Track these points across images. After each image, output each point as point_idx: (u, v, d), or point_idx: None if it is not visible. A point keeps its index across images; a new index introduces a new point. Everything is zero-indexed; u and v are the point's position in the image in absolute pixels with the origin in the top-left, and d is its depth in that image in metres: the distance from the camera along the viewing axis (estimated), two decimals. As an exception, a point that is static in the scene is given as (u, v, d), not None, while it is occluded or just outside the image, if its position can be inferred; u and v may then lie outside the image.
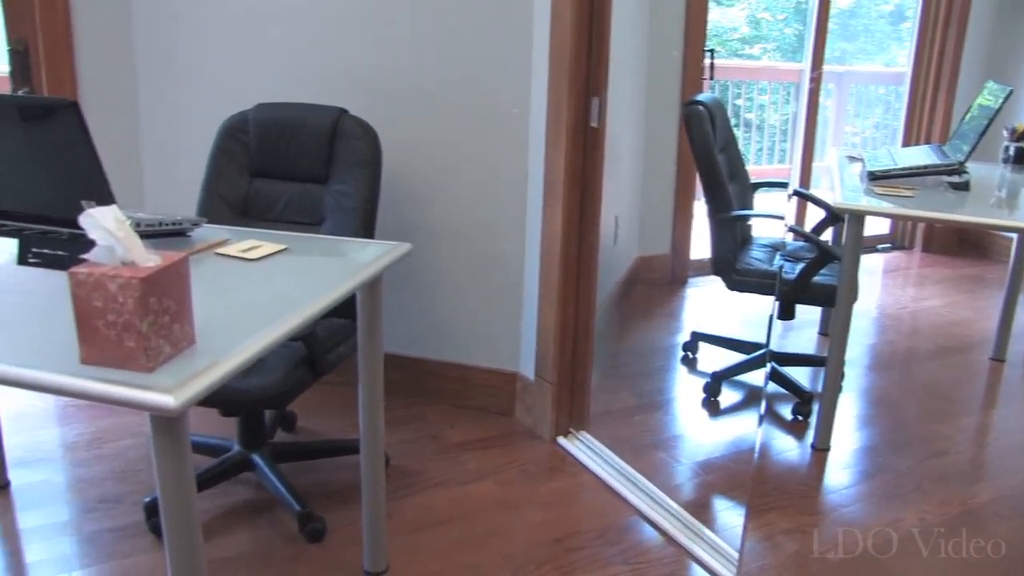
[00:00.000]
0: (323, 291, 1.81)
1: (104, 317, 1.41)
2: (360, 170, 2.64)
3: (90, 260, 1.45)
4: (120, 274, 1.39)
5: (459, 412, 3.28)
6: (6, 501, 2.76)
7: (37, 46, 3.32)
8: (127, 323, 1.40)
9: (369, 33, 3.05)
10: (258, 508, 2.69)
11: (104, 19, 3.35)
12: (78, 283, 1.42)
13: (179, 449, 1.45)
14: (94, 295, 1.41)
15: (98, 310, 1.42)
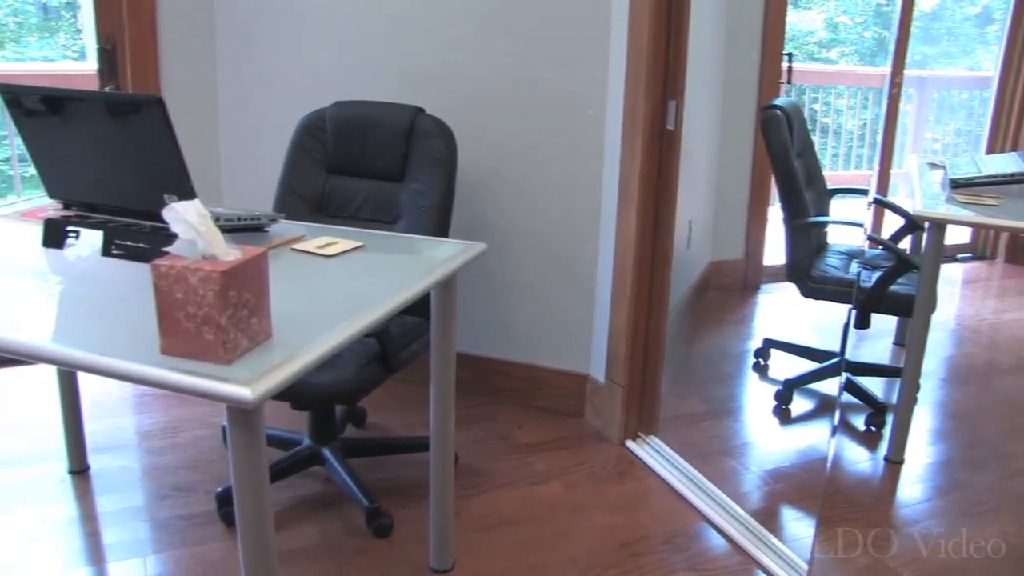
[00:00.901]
0: (398, 289, 1.82)
1: (185, 309, 1.44)
2: (436, 169, 2.66)
3: (172, 253, 1.48)
4: (201, 267, 1.41)
5: (528, 413, 3.28)
6: (86, 485, 2.83)
7: (124, 45, 3.40)
8: (207, 316, 1.43)
9: (446, 32, 3.07)
10: (326, 502, 2.73)
11: (188, 18, 3.42)
12: (160, 275, 1.45)
13: (254, 441, 1.47)
14: (175, 287, 1.44)
15: (179, 302, 1.44)
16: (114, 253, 2.01)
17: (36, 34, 8.84)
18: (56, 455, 2.96)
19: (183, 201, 1.49)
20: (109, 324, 1.70)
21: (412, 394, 3.32)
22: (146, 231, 1.99)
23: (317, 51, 3.29)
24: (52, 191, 2.17)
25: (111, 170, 2.05)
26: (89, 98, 2.14)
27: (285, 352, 1.50)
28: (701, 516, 2.68)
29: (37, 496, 2.78)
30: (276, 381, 1.41)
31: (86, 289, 1.90)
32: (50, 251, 2.12)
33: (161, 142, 1.88)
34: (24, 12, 8.78)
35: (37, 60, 8.75)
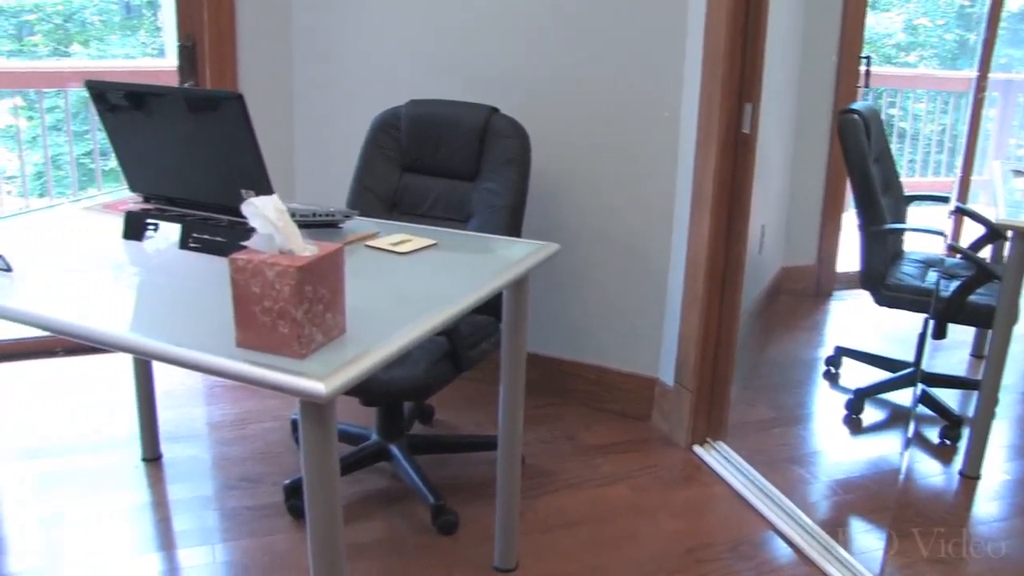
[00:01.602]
0: (471, 288, 1.83)
1: (261, 303, 1.46)
2: (509, 169, 2.66)
3: (249, 247, 1.50)
4: (278, 262, 1.43)
5: (595, 414, 3.27)
6: (158, 472, 2.89)
7: (204, 42, 3.46)
8: (282, 310, 1.44)
9: (522, 32, 3.07)
10: (392, 497, 2.74)
11: (266, 17, 3.47)
12: (237, 269, 1.47)
13: (326, 435, 1.49)
14: (252, 281, 1.45)
15: (255, 296, 1.46)
16: (191, 246, 2.05)
17: (119, 32, 9.06)
18: (130, 443, 3.02)
19: (261, 196, 1.51)
20: (186, 316, 1.73)
21: (480, 392, 3.33)
22: (223, 225, 2.02)
23: (392, 50, 3.31)
24: (133, 185, 2.22)
25: (190, 165, 2.09)
26: (170, 94, 2.18)
27: (358, 348, 1.51)
28: (768, 524, 2.64)
29: (112, 482, 2.84)
30: (349, 376, 1.42)
31: (164, 281, 1.94)
32: (130, 243, 2.16)
33: (240, 138, 1.91)
34: (108, 11, 9.00)
35: (119, 57, 8.96)
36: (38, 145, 6.22)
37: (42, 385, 3.52)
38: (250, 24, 3.46)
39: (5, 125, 6.55)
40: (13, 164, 6.37)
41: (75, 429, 3.16)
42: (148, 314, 1.78)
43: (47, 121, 5.88)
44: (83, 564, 2.46)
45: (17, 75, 5.96)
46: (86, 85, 2.11)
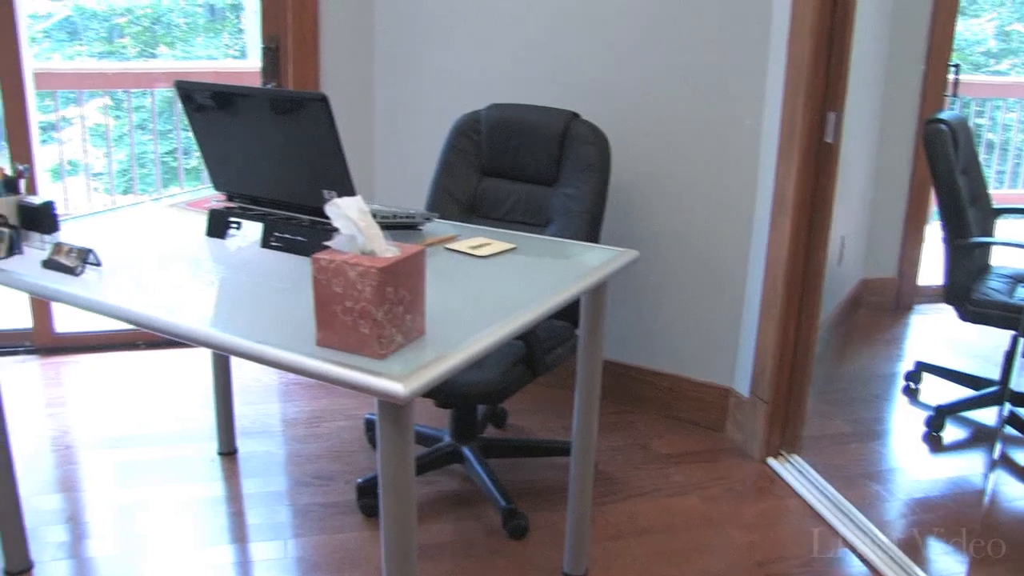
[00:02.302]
0: (549, 293, 1.82)
1: (342, 303, 1.47)
2: (589, 175, 2.65)
3: (332, 247, 1.51)
4: (360, 263, 1.44)
5: (668, 423, 3.24)
6: (233, 467, 2.94)
7: (287, 44, 3.51)
8: (363, 310, 1.45)
9: (603, 38, 3.06)
10: (463, 500, 2.75)
11: (349, 19, 3.51)
12: (320, 269, 1.48)
13: (403, 435, 1.49)
14: (334, 281, 1.47)
15: (337, 296, 1.47)
16: (273, 245, 2.07)
17: (203, 34, 9.24)
18: (208, 436, 3.07)
19: (344, 197, 1.52)
20: (266, 313, 1.75)
21: (553, 397, 3.33)
22: (304, 225, 2.04)
23: (473, 54, 3.32)
24: (217, 183, 2.26)
25: (273, 165, 2.12)
26: (256, 95, 2.21)
27: (437, 350, 1.52)
28: (843, 541, 2.59)
29: (188, 474, 2.89)
30: (428, 378, 1.43)
31: (245, 278, 1.97)
32: (213, 240, 2.20)
33: (324, 139, 1.93)
34: (192, 14, 9.18)
35: (202, 59, 9.13)
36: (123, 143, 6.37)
37: (124, 377, 3.60)
38: (333, 26, 3.50)
39: (94, 124, 6.72)
40: (100, 162, 6.53)
41: (155, 421, 3.23)
42: (230, 311, 1.81)
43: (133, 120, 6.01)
44: (159, 552, 2.51)
45: (107, 76, 6.11)
46: (175, 85, 2.16)
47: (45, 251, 2.01)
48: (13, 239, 2.04)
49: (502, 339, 1.62)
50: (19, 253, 2.05)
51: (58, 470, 2.94)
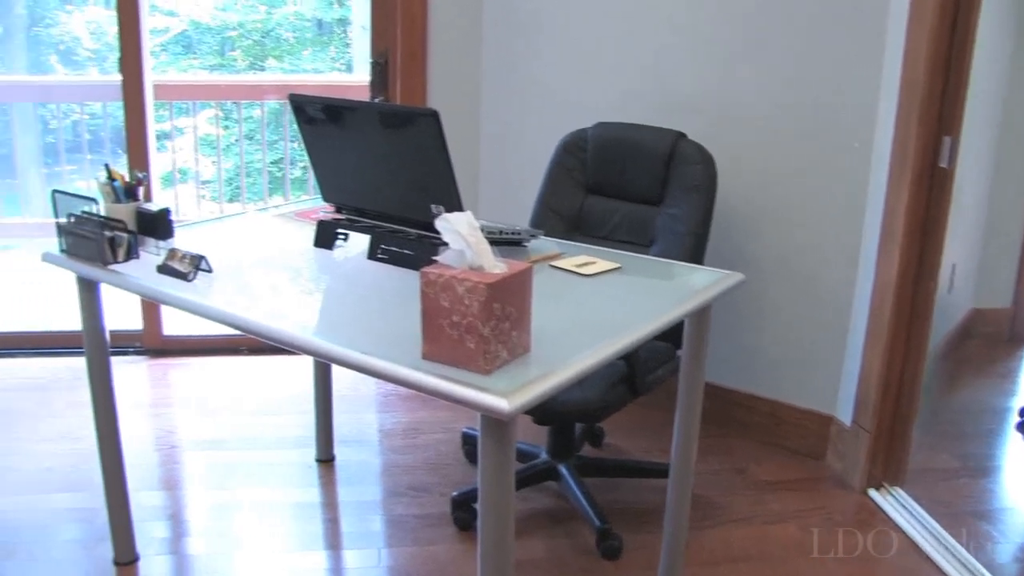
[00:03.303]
0: (653, 314, 1.81)
1: (449, 317, 1.48)
2: (694, 195, 2.62)
3: (440, 261, 1.52)
4: (469, 278, 1.44)
5: (767, 449, 3.18)
6: (331, 474, 2.98)
7: (396, 59, 3.56)
8: (470, 325, 1.45)
9: (711, 57, 3.03)
10: (557, 517, 2.74)
11: (458, 35, 3.54)
12: (428, 282, 1.49)
13: (505, 451, 1.49)
14: (442, 295, 1.48)
15: (444, 310, 1.48)
16: (379, 257, 2.10)
17: (310, 47, 9.44)
18: (306, 443, 3.13)
19: (454, 212, 1.53)
20: (371, 325, 1.77)
21: (650, 418, 3.30)
22: (411, 238, 2.06)
23: (581, 73, 3.33)
24: (327, 194, 2.29)
25: (382, 178, 2.14)
26: (366, 108, 2.24)
27: (541, 367, 1.51)
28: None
29: (285, 479, 2.94)
30: (532, 395, 1.43)
31: (350, 289, 2.00)
32: (320, 251, 2.23)
33: (433, 154, 1.94)
34: (301, 28, 9.40)
35: (309, 72, 9.33)
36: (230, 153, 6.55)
37: (227, 381, 3.69)
38: (441, 42, 3.54)
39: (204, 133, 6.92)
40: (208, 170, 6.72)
41: (255, 425, 3.30)
42: (336, 321, 1.83)
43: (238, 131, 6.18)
44: (254, 553, 2.56)
45: (219, 88, 6.28)
46: (289, 98, 2.20)
47: (160, 256, 2.07)
48: (130, 244, 2.11)
49: (606, 359, 1.61)
50: (135, 257, 2.11)
51: (161, 468, 3.03)
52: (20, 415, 3.37)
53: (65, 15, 8.88)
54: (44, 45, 8.94)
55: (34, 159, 6.44)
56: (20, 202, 6.62)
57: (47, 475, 2.95)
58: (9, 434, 3.23)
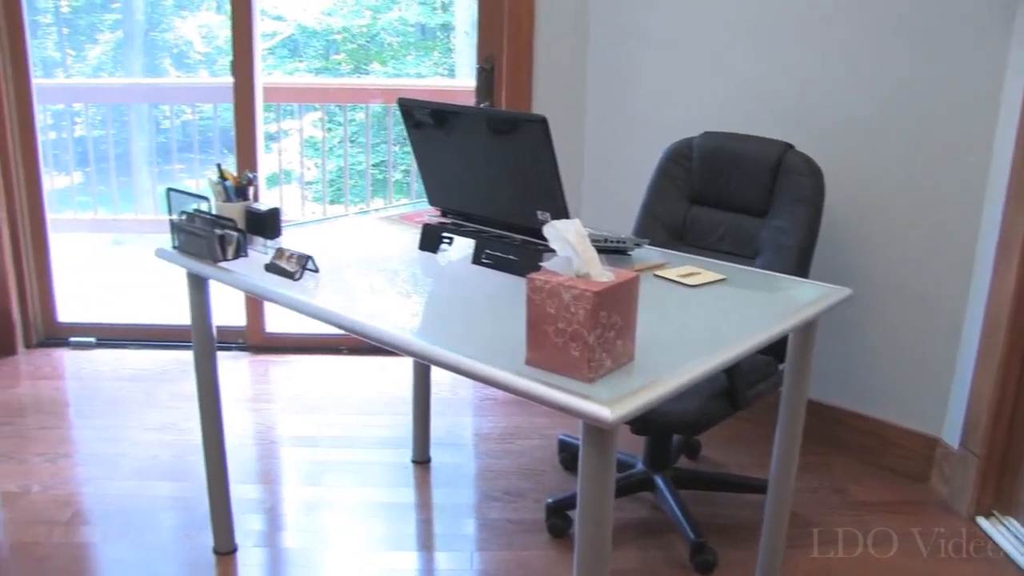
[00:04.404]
0: (758, 327, 1.78)
1: (554, 324, 1.48)
2: (801, 208, 2.57)
3: (547, 268, 1.52)
4: (575, 285, 1.44)
5: (867, 469, 3.10)
6: (426, 475, 3.00)
7: (502, 65, 3.58)
8: (575, 332, 1.45)
9: (820, 68, 2.97)
10: (650, 529, 2.71)
11: (564, 43, 3.55)
12: (535, 289, 1.49)
13: (605, 460, 1.49)
14: (548, 302, 1.48)
15: (550, 317, 1.48)
16: (483, 262, 2.11)
17: (414, 52, 9.57)
18: (403, 443, 3.16)
19: (562, 219, 1.53)
20: (475, 329, 1.78)
21: (747, 432, 3.25)
22: (516, 244, 2.06)
23: (686, 82, 3.30)
24: (432, 198, 2.32)
25: (488, 183, 2.15)
26: (474, 114, 2.26)
27: (645, 377, 1.50)
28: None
29: (382, 478, 2.98)
30: (635, 405, 1.42)
31: (454, 293, 2.01)
32: (424, 254, 2.26)
33: (540, 160, 1.95)
34: (404, 32, 9.53)
35: (411, 76, 9.45)
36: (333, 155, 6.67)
37: (327, 379, 3.75)
38: (547, 48, 3.55)
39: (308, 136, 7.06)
40: (312, 172, 6.85)
41: (353, 424, 3.35)
42: (439, 324, 1.85)
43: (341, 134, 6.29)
44: (347, 550, 2.60)
45: (325, 91, 6.41)
46: (398, 102, 2.23)
47: (267, 255, 2.11)
48: (240, 242, 2.16)
49: (710, 371, 1.59)
50: (244, 256, 2.16)
51: (259, 462, 3.09)
52: (130, 404, 3.48)
53: (180, 20, 9.17)
54: (159, 49, 9.24)
55: (146, 158, 6.66)
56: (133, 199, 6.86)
57: (153, 463, 3.04)
58: (119, 422, 3.34)
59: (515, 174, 2.05)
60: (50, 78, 8.05)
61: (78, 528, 2.66)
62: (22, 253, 3.92)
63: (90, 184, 6.33)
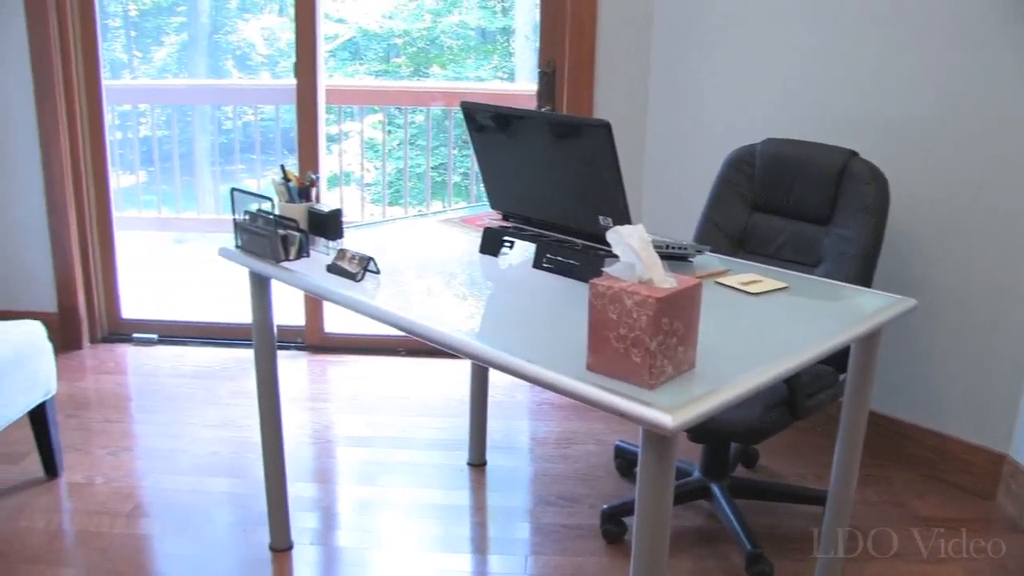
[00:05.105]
0: (820, 337, 1.75)
1: (616, 330, 1.47)
2: (865, 216, 2.54)
3: (610, 273, 1.52)
4: (638, 291, 1.43)
5: (929, 483, 3.04)
6: (482, 478, 3.01)
7: (563, 69, 3.58)
8: (637, 339, 1.44)
9: (887, 76, 2.93)
10: (706, 538, 2.69)
11: (625, 48, 3.54)
12: (597, 294, 1.49)
13: (665, 467, 1.48)
14: (610, 307, 1.47)
15: (612, 322, 1.48)
16: (544, 266, 2.11)
17: (473, 56, 9.61)
18: (457, 446, 3.17)
19: (626, 225, 1.52)
20: (535, 333, 1.78)
21: (805, 442, 3.21)
22: (577, 248, 2.06)
23: (749, 87, 3.27)
24: (494, 202, 2.32)
25: (550, 187, 2.15)
26: (537, 118, 2.26)
27: (706, 385, 1.49)
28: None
29: (437, 480, 2.99)
30: (696, 412, 1.41)
31: (515, 297, 2.01)
32: (485, 257, 2.26)
33: (603, 165, 1.94)
34: (465, 36, 9.57)
35: (471, 79, 9.49)
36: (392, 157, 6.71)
37: (384, 380, 3.77)
38: (609, 52, 3.54)
39: (368, 138, 7.11)
40: (371, 174, 6.91)
41: (409, 425, 3.36)
42: (499, 327, 1.85)
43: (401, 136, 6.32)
44: (401, 551, 2.61)
45: (386, 93, 6.45)
46: (461, 105, 2.24)
47: (329, 256, 2.13)
48: (302, 243, 2.18)
49: (771, 380, 1.57)
50: (306, 256, 2.19)
51: (316, 461, 3.12)
52: (189, 401, 3.54)
53: (243, 23, 9.30)
54: (222, 51, 9.38)
55: (208, 158, 6.77)
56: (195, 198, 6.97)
57: (211, 459, 3.08)
58: (179, 418, 3.39)
59: (577, 179, 2.05)
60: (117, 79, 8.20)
61: (138, 520, 2.71)
62: (89, 250, 4.01)
63: (154, 183, 6.45)
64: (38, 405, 2.81)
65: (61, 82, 3.77)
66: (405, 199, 6.41)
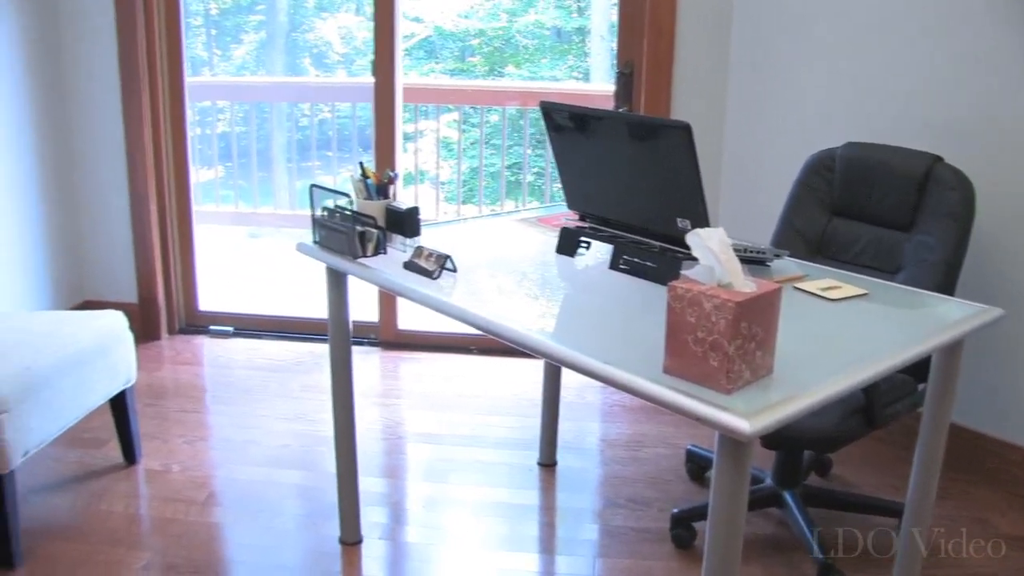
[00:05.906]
0: (901, 346, 1.72)
1: (694, 333, 1.46)
2: (949, 223, 2.48)
3: (688, 276, 1.51)
4: (717, 295, 1.42)
5: (1014, 500, 2.95)
6: (551, 479, 3.01)
7: (641, 70, 3.57)
8: (715, 342, 1.43)
9: (972, 81, 2.86)
10: (776, 545, 2.66)
11: (705, 49, 3.51)
12: (676, 297, 1.48)
13: (740, 473, 1.46)
14: (689, 310, 1.46)
15: (690, 325, 1.47)
16: (621, 268, 2.10)
17: (548, 56, 9.61)
18: (529, 445, 3.17)
19: (706, 228, 1.51)
20: (610, 334, 1.77)
21: (880, 452, 3.16)
22: (654, 250, 2.05)
23: (830, 91, 3.22)
24: (571, 202, 2.32)
25: (627, 188, 2.15)
26: (615, 118, 2.25)
27: (784, 391, 1.47)
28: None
29: (506, 479, 3.00)
30: (773, 418, 1.39)
31: (591, 298, 2.01)
32: (561, 257, 2.26)
33: (682, 167, 1.93)
34: (540, 36, 9.57)
35: (546, 79, 9.50)
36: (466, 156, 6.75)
37: (456, 378, 3.79)
38: (688, 53, 3.52)
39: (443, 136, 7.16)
40: (445, 172, 6.95)
41: (480, 424, 3.38)
42: (574, 327, 1.85)
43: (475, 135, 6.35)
44: (468, 547, 2.62)
45: (462, 92, 6.49)
46: (540, 105, 2.24)
47: (406, 253, 2.15)
48: (379, 239, 2.20)
49: (850, 388, 1.55)
50: (383, 253, 2.21)
51: (386, 457, 3.15)
52: (263, 393, 3.59)
53: (320, 21, 9.41)
54: (300, 49, 9.51)
55: (284, 154, 6.87)
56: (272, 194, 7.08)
57: (283, 451, 3.13)
58: (253, 410, 3.45)
59: (655, 180, 2.04)
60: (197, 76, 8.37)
61: (212, 509, 2.77)
62: (169, 243, 4.09)
63: (231, 178, 6.56)
64: (119, 393, 2.88)
65: (147, 79, 3.86)
66: (480, 197, 6.45)
